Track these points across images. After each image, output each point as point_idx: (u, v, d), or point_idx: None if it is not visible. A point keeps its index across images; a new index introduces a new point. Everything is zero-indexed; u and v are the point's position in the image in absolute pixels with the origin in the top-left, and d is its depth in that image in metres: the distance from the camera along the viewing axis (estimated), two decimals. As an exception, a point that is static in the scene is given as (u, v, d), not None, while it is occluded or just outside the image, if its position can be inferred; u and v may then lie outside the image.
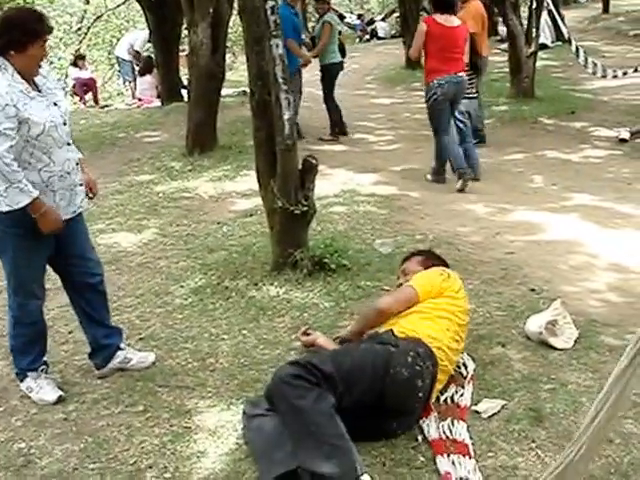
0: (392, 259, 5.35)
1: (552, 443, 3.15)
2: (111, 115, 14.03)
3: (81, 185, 3.79)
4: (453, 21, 7.59)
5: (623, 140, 9.54)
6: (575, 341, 4.04)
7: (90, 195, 3.97)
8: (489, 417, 3.36)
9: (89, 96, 17.68)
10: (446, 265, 4.12)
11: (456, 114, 8.03)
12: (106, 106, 16.21)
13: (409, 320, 3.59)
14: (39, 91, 3.55)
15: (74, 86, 17.83)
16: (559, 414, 3.35)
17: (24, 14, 3.54)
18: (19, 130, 3.38)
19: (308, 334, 4.10)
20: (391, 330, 3.52)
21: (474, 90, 8.64)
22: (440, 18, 7.52)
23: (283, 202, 4.78)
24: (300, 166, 4.87)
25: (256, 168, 5.09)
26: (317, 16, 11.39)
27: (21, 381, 3.87)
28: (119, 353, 4.04)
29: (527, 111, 11.54)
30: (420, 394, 3.28)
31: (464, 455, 3.05)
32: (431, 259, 4.13)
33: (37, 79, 3.57)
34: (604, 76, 12.59)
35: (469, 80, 8.20)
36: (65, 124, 3.62)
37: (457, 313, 3.66)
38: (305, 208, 4.84)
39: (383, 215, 6.63)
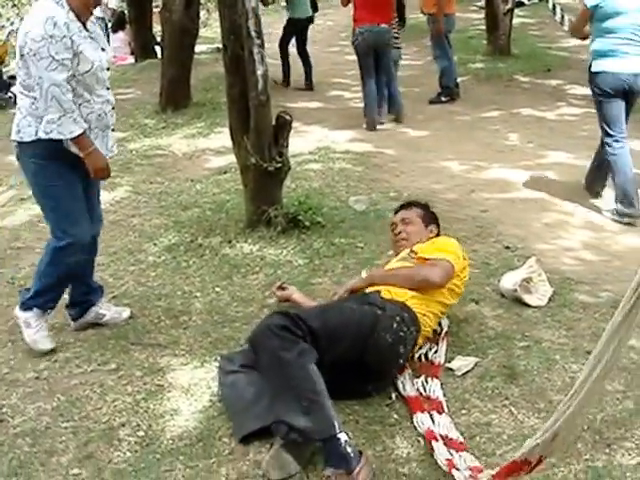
0: (366, 216, 5.37)
1: (525, 400, 3.16)
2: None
3: (113, 130, 3.84)
4: None
5: None
6: (549, 299, 4.06)
7: None
8: (463, 375, 3.36)
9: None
10: (438, 224, 4.09)
11: None
12: (78, 63, 15.92)
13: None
14: (90, 34, 3.61)
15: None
16: (533, 371, 3.36)
17: None
18: (72, 62, 3.45)
19: (283, 288, 4.08)
20: (378, 292, 3.48)
21: (400, 41, 9.29)
22: None
23: (257, 159, 4.72)
24: (274, 122, 4.80)
25: (229, 125, 5.02)
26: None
27: (23, 310, 3.82)
28: (92, 309, 4.05)
29: (503, 69, 11.52)
30: (401, 360, 3.29)
31: (439, 412, 3.06)
32: (428, 215, 4.07)
33: (88, 24, 3.62)
34: (580, 34, 12.55)
35: (395, 31, 8.89)
36: (108, 69, 3.73)
37: (454, 294, 3.64)
38: (279, 165, 4.79)
39: (358, 172, 6.62)
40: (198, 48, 10.58)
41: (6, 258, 5.13)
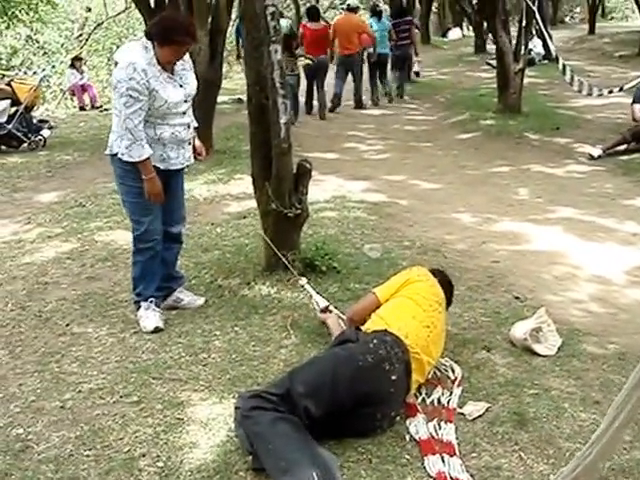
0: (380, 264, 5.48)
1: (534, 446, 3.22)
2: (110, 118, 14.05)
3: (189, 144, 4.57)
4: (318, 26, 13.43)
5: (591, 157, 9.62)
6: (558, 348, 4.14)
7: (199, 157, 4.80)
8: (474, 419, 3.44)
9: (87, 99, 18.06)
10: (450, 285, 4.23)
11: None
12: (105, 110, 16.17)
13: (374, 320, 3.74)
14: (172, 75, 4.32)
15: (72, 90, 18.33)
16: (542, 418, 3.44)
17: (172, 22, 4.29)
18: (149, 98, 4.17)
19: (330, 311, 4.33)
20: (357, 327, 3.73)
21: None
22: (310, 24, 13.39)
23: (277, 205, 4.84)
24: (295, 170, 4.93)
25: (252, 171, 5.12)
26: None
27: (137, 309, 4.61)
28: (173, 294, 4.81)
29: (513, 126, 11.70)
30: (393, 377, 3.34)
31: (451, 455, 3.13)
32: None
33: (175, 67, 4.35)
34: (589, 94, 12.70)
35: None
36: (186, 101, 4.42)
37: (418, 299, 3.77)
38: (298, 211, 4.89)
39: (372, 221, 6.76)
40: (219, 98, 10.84)
41: (34, 292, 5.25)
